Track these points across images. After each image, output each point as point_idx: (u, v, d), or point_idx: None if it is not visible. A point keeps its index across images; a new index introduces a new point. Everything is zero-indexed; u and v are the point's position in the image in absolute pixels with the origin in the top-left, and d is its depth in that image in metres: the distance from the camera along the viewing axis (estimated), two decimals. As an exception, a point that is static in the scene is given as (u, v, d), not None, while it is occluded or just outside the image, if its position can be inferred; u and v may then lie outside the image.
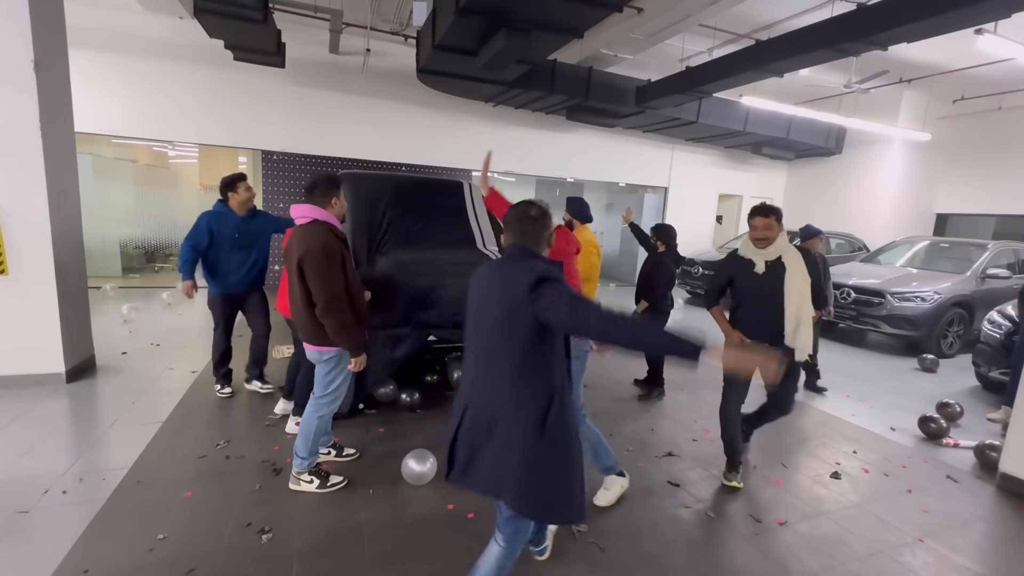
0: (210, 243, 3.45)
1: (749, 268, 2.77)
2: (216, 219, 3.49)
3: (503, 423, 1.53)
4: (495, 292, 1.58)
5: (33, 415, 3.28)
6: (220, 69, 7.39)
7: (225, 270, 3.51)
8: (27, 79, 3.45)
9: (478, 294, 1.64)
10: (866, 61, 6.88)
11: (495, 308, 1.55)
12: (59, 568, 1.98)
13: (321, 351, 2.46)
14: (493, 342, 1.56)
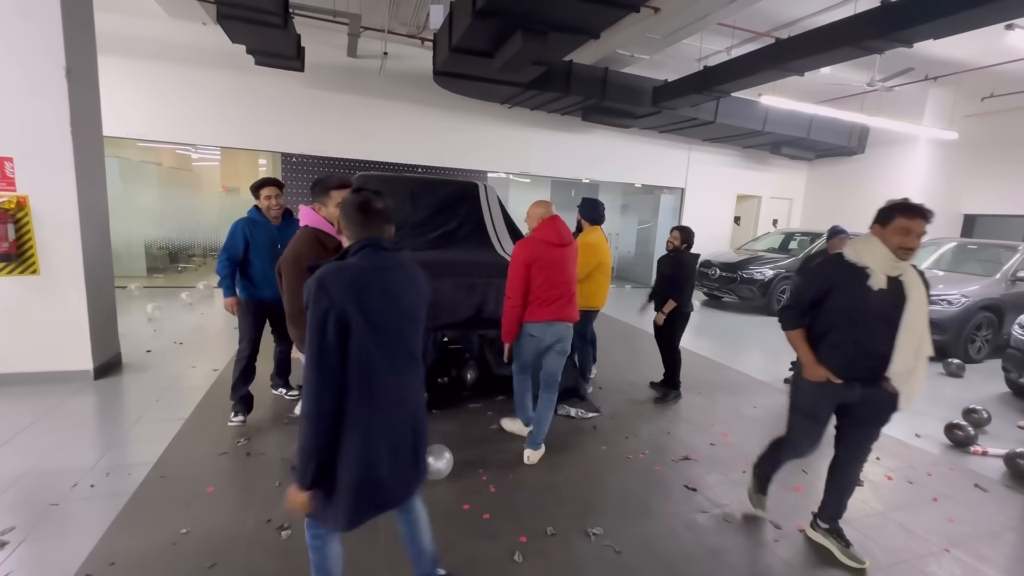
0: (245, 249, 3.29)
1: (861, 280, 2.08)
2: (250, 225, 3.31)
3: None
4: (414, 291, 1.57)
5: (63, 411, 3.39)
6: (241, 73, 7.54)
7: (260, 279, 3.31)
8: (59, 85, 3.57)
9: (391, 294, 1.50)
10: (890, 58, 6.72)
11: (421, 307, 1.60)
12: (87, 559, 2.04)
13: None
14: (415, 341, 1.59)
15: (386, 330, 1.46)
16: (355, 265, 1.45)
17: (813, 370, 2.20)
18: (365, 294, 1.41)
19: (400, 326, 1.51)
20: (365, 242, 1.49)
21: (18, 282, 3.65)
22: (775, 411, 4.23)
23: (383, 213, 1.53)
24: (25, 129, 3.53)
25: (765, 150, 11.15)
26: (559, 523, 2.47)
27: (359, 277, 1.42)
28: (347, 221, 1.52)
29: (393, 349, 1.49)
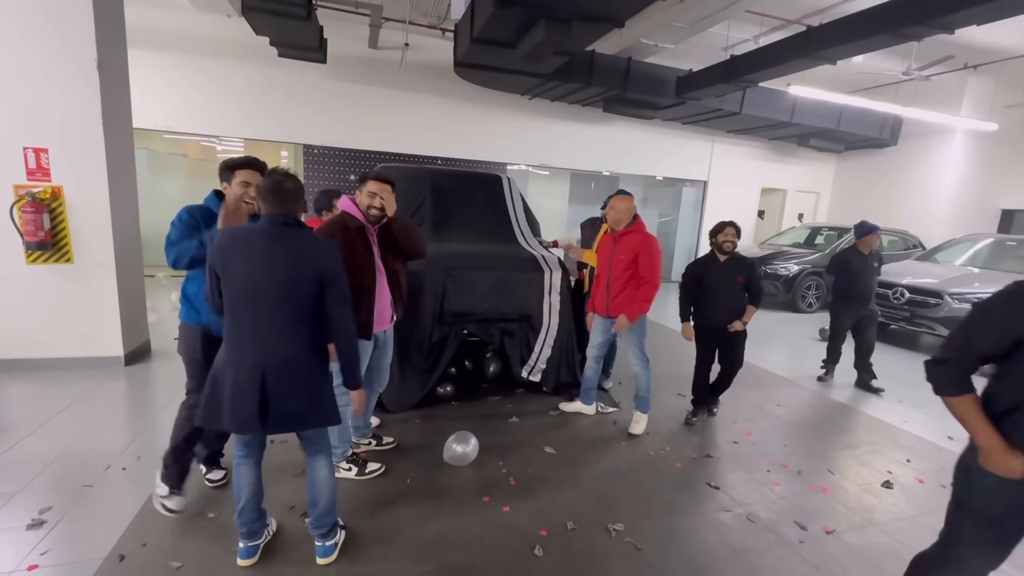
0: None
1: None
2: (206, 218, 2.30)
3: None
4: (289, 264, 1.78)
5: (95, 395, 3.49)
6: (265, 66, 7.61)
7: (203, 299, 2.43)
8: (91, 78, 3.64)
9: (258, 260, 1.75)
10: (928, 46, 6.44)
11: (294, 280, 1.78)
12: (121, 539, 2.10)
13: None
14: (279, 307, 1.79)
15: (243, 288, 1.75)
16: (239, 231, 1.82)
17: (1003, 459, 1.35)
18: (230, 255, 1.75)
19: (259, 288, 1.75)
20: (267, 215, 1.80)
21: (53, 270, 3.77)
22: (799, 409, 4.14)
23: (290, 193, 1.81)
24: (59, 120, 3.62)
25: (792, 142, 10.84)
26: (580, 518, 2.45)
27: (230, 240, 1.78)
28: (259, 198, 1.81)
29: (250, 306, 1.76)
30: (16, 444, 2.80)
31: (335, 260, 1.85)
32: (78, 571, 1.93)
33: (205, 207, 2.30)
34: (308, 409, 1.85)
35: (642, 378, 3.40)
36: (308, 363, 1.84)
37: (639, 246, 3.19)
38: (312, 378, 1.85)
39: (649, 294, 3.19)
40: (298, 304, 1.79)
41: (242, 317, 1.78)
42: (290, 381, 1.79)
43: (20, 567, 1.93)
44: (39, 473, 2.54)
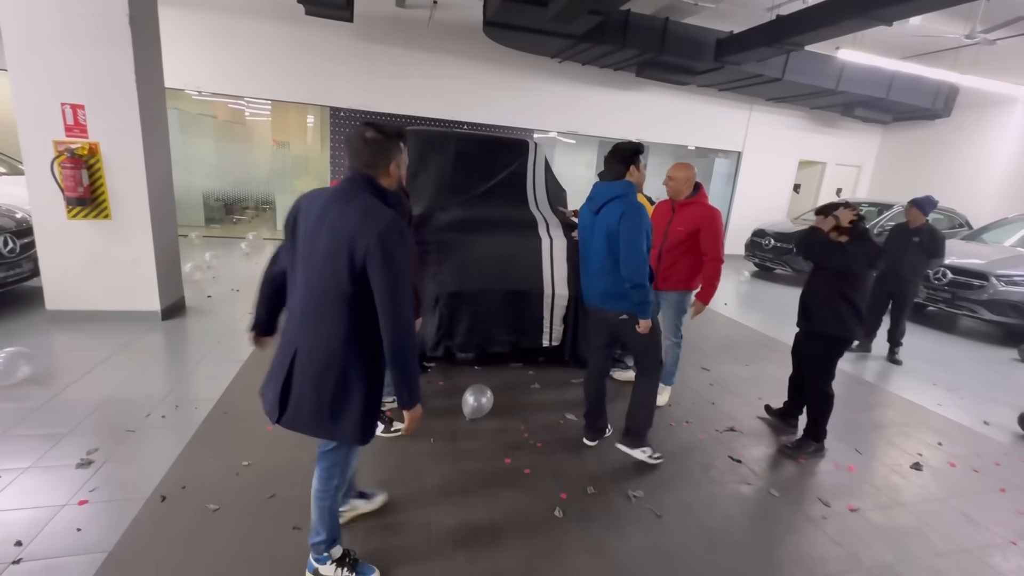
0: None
1: None
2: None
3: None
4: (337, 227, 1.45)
5: (135, 347, 3.64)
6: (291, 25, 7.51)
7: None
8: (123, 33, 3.64)
9: (320, 221, 1.49)
10: (997, 5, 5.93)
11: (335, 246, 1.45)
12: (162, 481, 2.22)
13: None
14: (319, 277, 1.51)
15: (295, 255, 1.52)
16: (325, 191, 1.53)
17: None
18: (298, 215, 1.52)
19: (304, 257, 1.49)
20: (348, 174, 1.54)
21: (93, 225, 3.88)
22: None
23: (364, 145, 1.50)
24: (94, 77, 3.65)
25: (836, 111, 10.26)
26: (600, 483, 2.48)
27: (303, 198, 1.55)
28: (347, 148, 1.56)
29: (296, 276, 1.53)
30: (64, 390, 2.96)
31: (389, 236, 1.40)
32: (123, 508, 2.04)
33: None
34: (327, 414, 1.51)
35: (672, 354, 3.35)
36: (341, 358, 1.49)
37: (701, 220, 3.01)
38: (340, 378, 1.49)
39: (716, 271, 3.05)
40: (336, 282, 1.44)
41: (292, 289, 1.56)
42: (313, 374, 1.50)
43: (72, 501, 2.06)
44: (85, 417, 2.69)
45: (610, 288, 2.50)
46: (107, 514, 2.02)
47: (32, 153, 3.67)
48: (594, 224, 2.50)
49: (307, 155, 9.89)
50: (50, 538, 1.88)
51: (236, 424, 2.73)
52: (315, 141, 9.87)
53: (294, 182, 9.37)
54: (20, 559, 1.77)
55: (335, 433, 1.56)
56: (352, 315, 1.47)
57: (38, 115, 3.63)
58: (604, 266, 2.47)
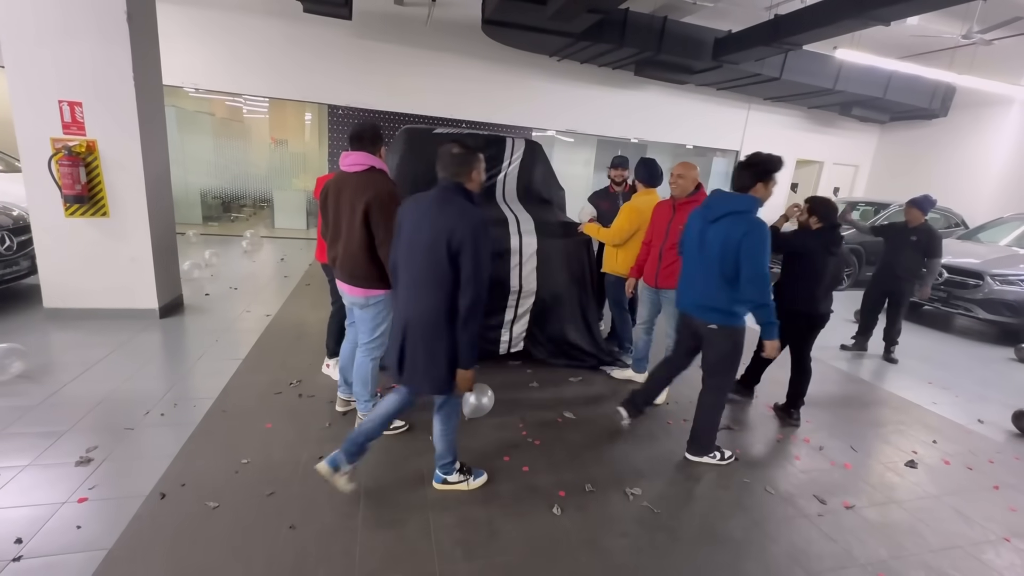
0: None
1: None
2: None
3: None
4: (435, 227, 1.90)
5: (133, 345, 3.64)
6: (290, 22, 7.49)
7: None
8: (121, 30, 3.63)
9: (419, 221, 1.95)
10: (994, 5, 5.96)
11: (432, 242, 1.90)
12: (161, 479, 2.22)
13: (368, 295, 2.48)
14: (420, 267, 1.95)
15: (403, 247, 1.97)
16: (420, 197, 2.00)
17: None
18: (411, 218, 1.96)
19: (414, 249, 1.92)
20: (440, 181, 1.98)
21: (91, 223, 3.87)
22: (823, 386, 4.07)
23: (452, 159, 1.94)
24: (91, 74, 3.64)
25: (833, 111, 10.30)
26: (598, 481, 2.49)
27: (409, 201, 2.03)
28: (438, 162, 1.99)
29: (406, 262, 1.97)
30: (62, 388, 2.96)
31: (475, 231, 1.85)
32: (123, 505, 2.05)
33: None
34: (423, 371, 1.97)
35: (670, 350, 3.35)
36: (438, 327, 1.92)
37: None
38: (433, 343, 1.94)
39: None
40: (437, 267, 1.87)
41: (400, 274, 2.01)
42: (421, 340, 1.95)
43: (71, 499, 2.07)
44: (84, 415, 2.69)
45: (707, 299, 2.48)
46: (107, 512, 2.02)
47: (29, 150, 3.66)
48: (705, 232, 2.45)
49: (305, 153, 9.87)
50: (50, 535, 1.88)
51: (235, 422, 2.74)
52: (313, 138, 9.85)
53: (292, 180, 9.36)
54: (20, 556, 1.78)
55: (423, 384, 2.01)
56: (447, 293, 1.89)
57: (35, 112, 3.61)
58: (708, 276, 2.44)
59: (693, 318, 2.60)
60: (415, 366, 1.98)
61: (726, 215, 2.38)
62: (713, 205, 2.47)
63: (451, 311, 1.91)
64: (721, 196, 2.48)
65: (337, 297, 3.09)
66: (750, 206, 2.37)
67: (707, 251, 2.43)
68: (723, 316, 2.47)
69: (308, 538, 1.97)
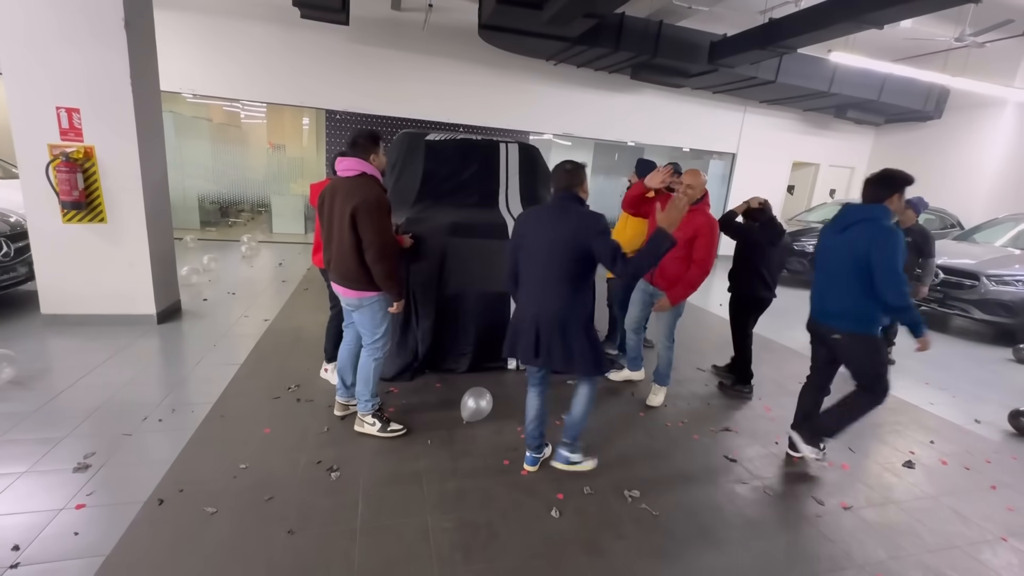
0: None
1: None
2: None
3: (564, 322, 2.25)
4: (561, 232, 2.19)
5: (131, 351, 3.64)
6: (287, 28, 7.52)
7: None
8: (118, 36, 3.64)
9: (544, 228, 2.24)
10: (986, 9, 6.01)
11: (562, 245, 2.19)
12: (159, 485, 2.22)
13: (362, 297, 2.53)
14: (549, 267, 2.23)
15: (535, 253, 2.24)
16: (540, 209, 2.35)
17: None
18: (535, 228, 2.26)
19: (546, 252, 2.21)
20: (559, 192, 2.27)
21: (88, 229, 3.87)
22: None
23: (575, 172, 2.26)
24: (89, 80, 3.64)
25: (828, 113, 10.35)
26: (596, 483, 2.50)
27: (536, 217, 2.30)
28: (553, 176, 2.31)
29: (535, 267, 2.25)
30: (60, 394, 2.95)
31: (604, 226, 2.16)
32: (121, 512, 2.05)
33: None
34: (579, 357, 2.25)
35: (664, 356, 3.38)
36: (568, 318, 2.22)
37: (702, 227, 3.04)
38: (572, 331, 2.23)
39: (698, 278, 3.09)
40: (564, 266, 2.18)
41: (523, 277, 2.30)
42: (555, 331, 2.22)
43: (69, 505, 2.06)
44: (82, 421, 2.68)
45: (837, 306, 2.53)
46: (104, 518, 2.02)
47: (27, 157, 3.67)
48: (835, 243, 2.52)
49: (303, 157, 9.89)
50: (47, 542, 1.88)
51: (233, 427, 2.74)
52: (311, 143, 9.88)
53: (290, 184, 9.37)
54: (17, 563, 1.77)
55: (583, 369, 2.28)
56: (576, 287, 2.23)
57: (33, 119, 3.62)
58: (839, 284, 2.49)
59: (821, 326, 2.65)
60: (567, 354, 2.23)
61: (856, 223, 2.44)
62: (843, 216, 2.54)
63: (577, 304, 2.23)
64: (852, 207, 2.54)
65: (336, 301, 3.10)
66: (879, 214, 2.42)
67: (838, 260, 2.49)
68: (852, 323, 2.48)
69: (307, 543, 1.97)
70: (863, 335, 2.49)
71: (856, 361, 2.57)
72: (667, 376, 3.45)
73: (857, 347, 2.52)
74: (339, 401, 2.94)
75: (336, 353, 3.09)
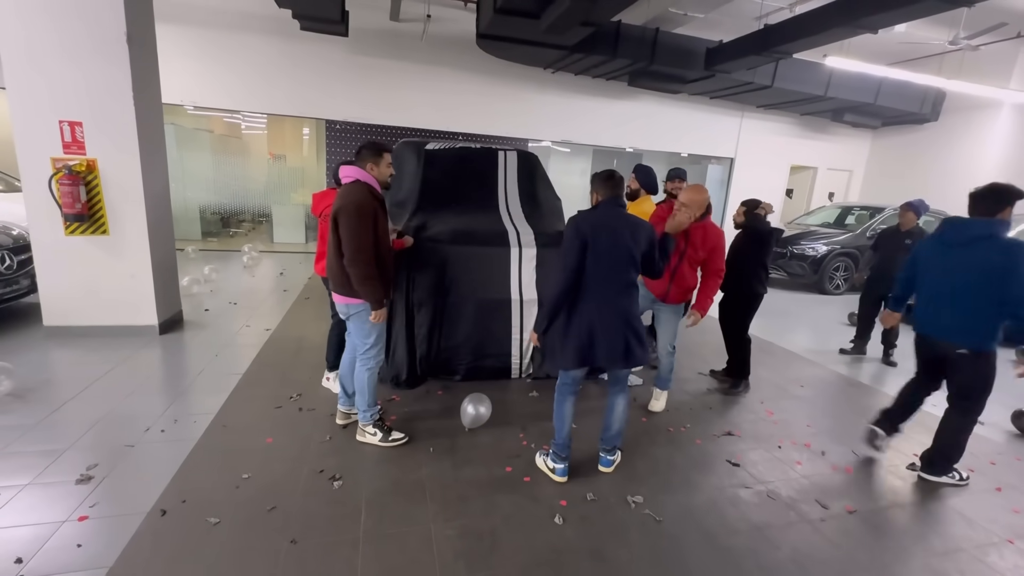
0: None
1: None
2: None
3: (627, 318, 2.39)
4: (627, 236, 2.32)
5: (133, 362, 3.64)
6: (287, 40, 7.60)
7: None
8: (120, 51, 3.68)
9: (613, 234, 2.32)
10: (979, 12, 6.06)
11: (632, 248, 2.33)
12: (162, 496, 2.22)
13: (349, 304, 2.55)
14: (622, 268, 2.34)
15: (603, 256, 2.29)
16: (597, 214, 2.38)
17: None
18: (598, 232, 2.28)
19: (612, 256, 2.29)
20: (606, 199, 2.38)
21: (90, 241, 3.90)
22: (823, 390, 4.09)
23: (620, 181, 2.41)
24: (92, 94, 3.68)
25: (825, 117, 10.42)
26: (599, 489, 2.49)
27: (597, 221, 2.32)
28: (597, 185, 2.42)
29: (606, 269, 2.30)
30: (63, 405, 2.96)
31: (653, 232, 2.40)
32: (124, 523, 2.04)
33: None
34: (633, 350, 2.36)
35: (666, 362, 3.37)
36: (631, 314, 2.38)
37: (715, 240, 3.15)
38: (638, 325, 2.38)
39: (717, 285, 3.24)
40: (626, 266, 2.33)
41: (597, 279, 2.31)
42: (617, 328, 2.32)
43: (72, 517, 2.06)
44: (84, 433, 2.68)
45: (961, 323, 2.56)
46: (107, 529, 2.01)
47: (30, 170, 3.70)
48: (949, 257, 2.58)
49: (303, 167, 9.94)
50: (50, 554, 1.87)
51: (235, 437, 2.74)
52: (311, 153, 9.93)
53: (291, 194, 9.41)
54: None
55: (642, 360, 2.41)
56: (635, 288, 2.41)
57: (36, 132, 3.66)
58: (964, 300, 2.52)
59: (940, 342, 2.67)
60: (615, 351, 2.33)
61: (978, 240, 2.48)
62: (956, 229, 2.60)
63: (633, 302, 2.41)
64: (963, 222, 2.59)
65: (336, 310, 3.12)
66: (1004, 229, 2.47)
67: (960, 276, 2.53)
68: (979, 340, 2.53)
69: (310, 552, 1.96)
70: (987, 352, 2.56)
71: (973, 376, 2.62)
72: (669, 381, 3.45)
73: (980, 363, 2.58)
74: (341, 410, 2.94)
75: (337, 362, 3.10)
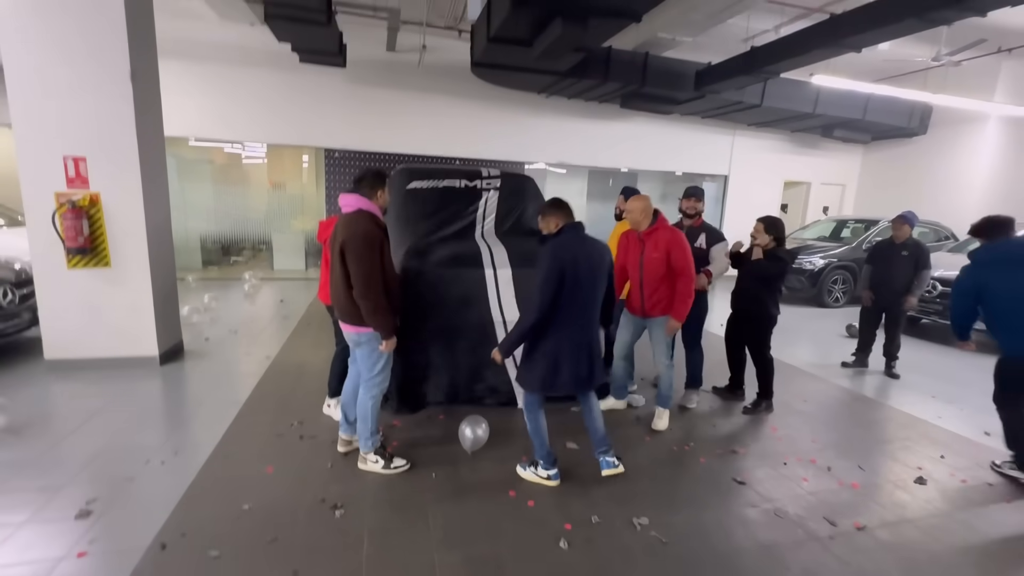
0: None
1: None
2: None
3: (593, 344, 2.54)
4: (598, 261, 2.45)
5: (133, 393, 3.64)
6: (287, 72, 7.79)
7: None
8: (125, 88, 3.78)
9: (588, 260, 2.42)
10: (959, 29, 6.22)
11: (601, 273, 2.48)
12: (162, 529, 2.19)
13: (359, 332, 2.55)
14: (593, 293, 2.48)
15: (579, 288, 2.37)
16: (570, 239, 2.43)
17: None
18: (578, 263, 2.36)
19: (586, 287, 2.40)
20: (567, 225, 2.47)
21: (92, 274, 3.93)
22: (826, 405, 4.07)
23: (569, 206, 2.53)
24: (96, 130, 3.77)
25: (816, 133, 10.59)
26: (604, 512, 2.46)
27: (576, 251, 2.39)
28: (552, 212, 2.50)
29: (581, 300, 2.40)
30: (62, 440, 2.94)
31: (610, 253, 2.55)
32: (123, 558, 2.02)
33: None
34: (597, 374, 2.56)
35: (666, 377, 3.38)
36: (596, 338, 2.55)
37: (670, 242, 3.11)
38: (598, 348, 2.55)
39: (689, 287, 3.13)
40: (601, 292, 2.49)
41: (572, 304, 2.39)
42: (589, 353, 2.49)
43: (70, 554, 2.04)
44: (84, 467, 2.67)
45: None
46: (107, 565, 1.99)
47: (34, 205, 3.75)
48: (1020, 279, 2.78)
49: (303, 195, 10.05)
50: (49, 593, 1.84)
51: (236, 467, 2.72)
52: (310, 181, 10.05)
53: (290, 222, 9.50)
54: (18, 616, 1.74)
55: (601, 379, 2.62)
56: (599, 311, 2.56)
57: (41, 168, 3.72)
58: None
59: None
60: (593, 375, 2.53)
61: None
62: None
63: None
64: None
65: (342, 337, 3.12)
66: None
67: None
68: None
69: (312, 584, 1.93)
70: None
71: None
72: (669, 397, 3.44)
73: None
74: (342, 437, 2.92)
75: (339, 388, 3.10)
